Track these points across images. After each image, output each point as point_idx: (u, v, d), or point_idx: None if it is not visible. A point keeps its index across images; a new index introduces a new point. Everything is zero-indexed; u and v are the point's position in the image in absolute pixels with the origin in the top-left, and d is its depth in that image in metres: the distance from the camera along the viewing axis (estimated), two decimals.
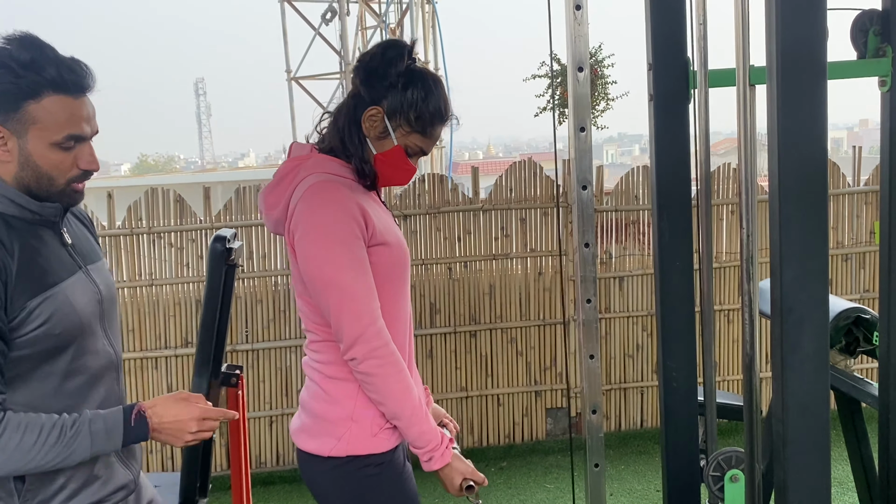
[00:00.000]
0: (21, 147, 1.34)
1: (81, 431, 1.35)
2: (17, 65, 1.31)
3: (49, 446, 1.31)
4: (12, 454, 1.29)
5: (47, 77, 1.33)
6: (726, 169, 4.36)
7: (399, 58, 1.61)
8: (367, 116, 1.61)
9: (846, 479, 3.47)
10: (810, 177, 1.36)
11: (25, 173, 1.36)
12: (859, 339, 2.32)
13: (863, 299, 4.40)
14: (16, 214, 1.36)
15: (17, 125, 1.33)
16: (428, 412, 1.64)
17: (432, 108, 1.62)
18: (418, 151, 1.65)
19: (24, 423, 1.30)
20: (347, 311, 1.55)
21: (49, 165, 1.36)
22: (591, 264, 1.68)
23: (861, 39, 1.84)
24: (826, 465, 1.45)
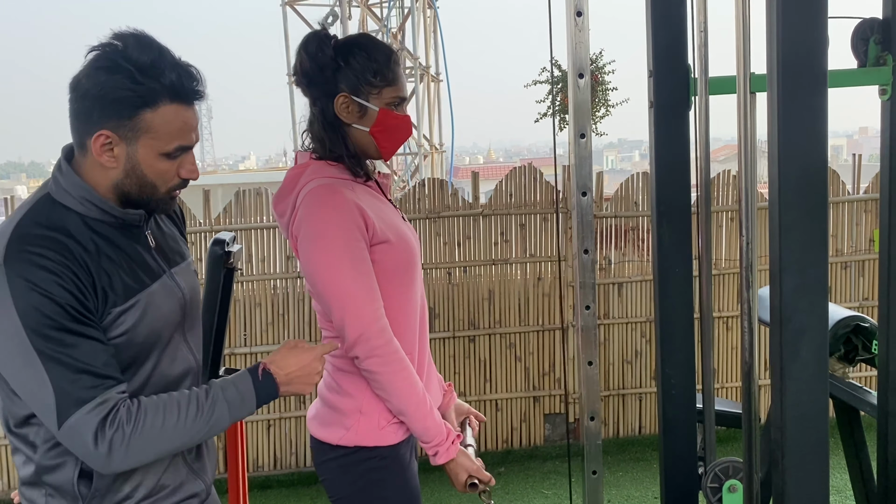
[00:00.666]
0: (129, 155, 1.28)
1: (218, 401, 1.31)
2: (135, 69, 1.24)
3: (191, 422, 1.28)
4: (158, 437, 1.25)
5: (166, 84, 1.27)
6: (726, 176, 4.36)
7: (321, 45, 1.64)
8: (338, 108, 1.64)
9: (845, 487, 3.46)
10: (810, 185, 1.36)
11: (129, 181, 1.30)
12: (858, 348, 2.31)
13: (862, 307, 4.40)
14: (98, 218, 1.31)
15: (128, 132, 1.27)
16: (433, 407, 1.67)
17: (380, 57, 1.65)
18: (398, 100, 1.68)
19: (161, 405, 1.26)
20: (348, 311, 1.57)
21: (155, 175, 1.31)
22: (591, 270, 1.68)
23: (862, 48, 1.84)
24: (825, 474, 1.45)
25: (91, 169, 1.30)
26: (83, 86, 1.26)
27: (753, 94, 1.60)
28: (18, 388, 1.25)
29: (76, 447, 1.24)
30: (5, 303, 1.20)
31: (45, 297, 1.20)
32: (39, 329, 1.20)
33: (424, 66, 12.94)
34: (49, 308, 1.20)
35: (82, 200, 1.29)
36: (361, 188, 1.67)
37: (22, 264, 1.20)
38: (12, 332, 1.20)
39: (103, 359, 1.24)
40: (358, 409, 1.66)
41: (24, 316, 1.19)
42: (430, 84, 13.39)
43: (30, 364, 1.20)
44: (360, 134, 1.66)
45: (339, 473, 1.69)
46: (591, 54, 10.72)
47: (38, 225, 1.25)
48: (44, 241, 1.23)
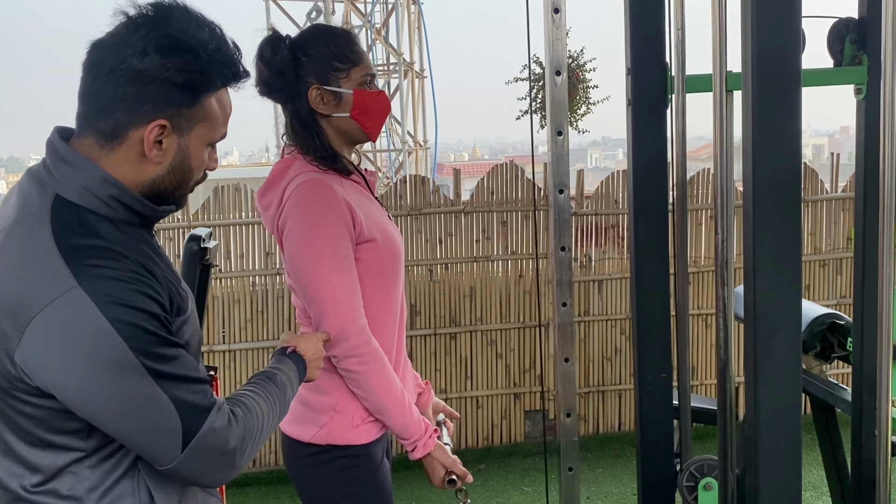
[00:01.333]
0: (180, 147, 1.12)
1: (286, 385, 1.29)
2: (201, 48, 1.08)
3: (278, 408, 1.24)
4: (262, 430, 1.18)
5: (224, 63, 1.12)
6: (705, 174, 4.39)
7: (275, 49, 1.62)
8: (314, 102, 1.63)
9: (820, 483, 3.49)
10: (784, 183, 1.36)
11: (172, 177, 1.14)
12: (834, 345, 2.33)
13: (839, 305, 4.44)
14: (125, 219, 1.12)
15: (184, 122, 1.11)
16: (411, 405, 1.67)
17: (338, 41, 1.64)
18: (368, 77, 1.67)
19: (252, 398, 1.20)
20: (327, 308, 1.57)
21: (197, 168, 1.16)
22: (568, 268, 1.68)
23: (837, 47, 1.86)
24: (797, 470, 1.46)
25: (120, 163, 1.10)
26: (133, 66, 1.06)
27: (730, 92, 1.61)
28: (121, 421, 1.06)
29: (204, 464, 1.09)
30: (100, 326, 1.02)
31: (137, 310, 1.04)
32: (145, 347, 1.04)
33: (408, 62, 12.91)
34: (147, 322, 1.05)
35: (109, 200, 1.09)
36: (350, 184, 1.66)
37: (98, 281, 1.03)
38: (118, 356, 1.03)
39: (195, 363, 1.13)
40: (332, 406, 1.65)
41: (127, 337, 1.03)
42: (415, 80, 13.36)
43: (143, 387, 1.04)
44: (341, 121, 1.65)
45: (311, 472, 1.68)
46: (573, 52, 10.75)
47: (79, 235, 1.07)
48: (101, 251, 1.06)
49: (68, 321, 1.01)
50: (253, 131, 6.80)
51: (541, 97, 9.54)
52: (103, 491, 1.12)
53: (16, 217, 1.09)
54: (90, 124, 1.10)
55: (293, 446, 1.70)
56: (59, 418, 1.08)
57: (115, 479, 1.13)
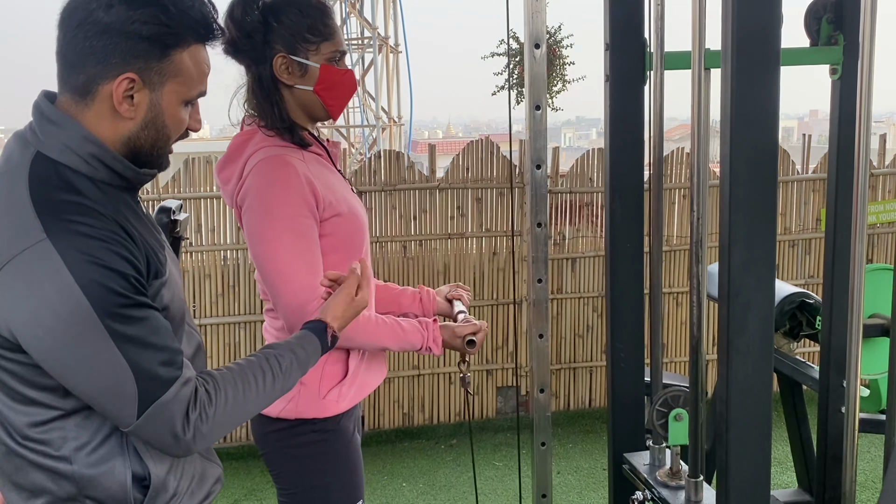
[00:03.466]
0: (152, 103, 1.10)
1: (293, 365, 1.25)
2: (170, 2, 1.08)
3: (268, 389, 1.20)
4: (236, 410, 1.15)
5: (196, 19, 1.10)
6: (680, 153, 4.41)
7: (246, 9, 1.59)
8: (278, 70, 1.60)
9: (786, 459, 3.57)
10: (761, 161, 1.37)
11: (146, 134, 1.12)
12: (803, 324, 2.37)
13: (808, 284, 4.51)
14: (106, 180, 1.11)
15: (154, 76, 1.09)
16: (398, 323, 1.67)
17: (313, 13, 1.61)
18: (338, 55, 1.64)
19: (236, 377, 1.17)
20: (285, 288, 1.55)
21: (174, 126, 1.14)
22: (543, 244, 1.68)
23: (814, 27, 1.86)
24: (767, 446, 1.48)
25: (95, 120, 1.09)
26: (100, 19, 1.05)
27: (708, 70, 1.61)
28: (80, 380, 1.05)
29: (158, 434, 1.08)
30: (65, 282, 1.00)
31: (106, 269, 1.02)
32: (109, 308, 1.02)
33: (383, 37, 12.78)
34: (115, 281, 1.02)
35: (90, 158, 1.09)
36: (312, 157, 1.63)
37: (70, 235, 1.02)
38: (78, 314, 1.01)
39: (169, 331, 1.10)
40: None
41: (90, 295, 1.01)
42: (389, 55, 13.23)
43: (103, 349, 1.03)
44: (304, 94, 1.62)
45: (280, 447, 1.67)
46: (550, 27, 10.73)
47: (56, 189, 1.06)
48: (76, 208, 1.04)
49: (33, 274, 1.01)
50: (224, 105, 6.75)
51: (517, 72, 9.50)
52: (91, 449, 1.12)
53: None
54: (65, 82, 1.10)
55: (262, 421, 1.68)
56: (36, 374, 1.07)
57: (102, 437, 1.12)
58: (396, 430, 4.28)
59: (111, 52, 1.06)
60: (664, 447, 1.84)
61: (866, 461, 3.65)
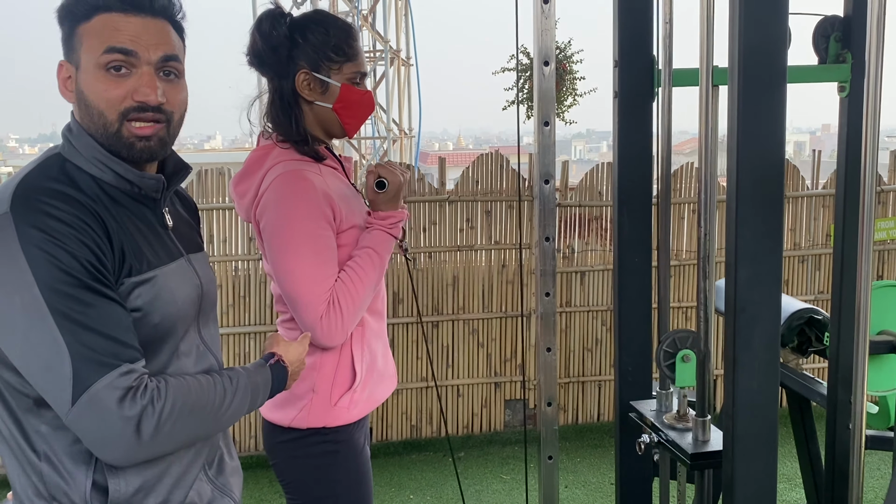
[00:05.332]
0: (77, 81, 1.15)
1: (240, 389, 1.19)
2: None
3: (218, 406, 1.14)
4: (189, 420, 1.09)
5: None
6: (688, 168, 4.42)
7: (275, 24, 1.62)
8: (299, 85, 1.63)
9: (794, 475, 3.55)
10: (767, 179, 1.38)
11: (83, 113, 1.15)
12: (811, 339, 2.36)
13: (817, 300, 4.49)
14: (113, 183, 1.15)
15: (73, 55, 1.14)
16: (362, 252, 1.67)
17: (338, 33, 1.64)
18: (358, 75, 1.67)
19: (189, 385, 1.12)
20: (304, 300, 1.57)
21: (96, 96, 1.13)
22: (552, 258, 1.69)
23: (822, 45, 1.87)
24: (773, 461, 1.48)
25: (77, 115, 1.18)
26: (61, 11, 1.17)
27: (716, 86, 1.62)
28: (20, 357, 1.05)
29: (93, 424, 1.03)
30: (14, 255, 1.02)
31: (61, 248, 1.03)
32: (54, 284, 1.02)
33: (395, 50, 12.86)
34: (66, 261, 1.03)
35: (94, 160, 1.14)
36: (328, 170, 1.66)
37: (33, 213, 1.04)
38: (21, 287, 1.01)
39: (125, 325, 1.07)
40: (311, 388, 1.66)
41: (36, 268, 1.01)
42: (401, 68, 13.31)
43: (41, 325, 1.02)
44: (323, 111, 1.65)
45: (291, 457, 1.68)
46: (560, 43, 10.76)
47: (49, 178, 1.10)
48: (56, 194, 1.07)
49: None
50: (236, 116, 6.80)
51: (528, 87, 9.53)
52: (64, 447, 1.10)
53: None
54: None
55: (273, 431, 1.70)
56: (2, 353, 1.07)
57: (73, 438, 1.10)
58: (404, 441, 4.28)
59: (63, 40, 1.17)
60: (671, 392, 1.81)
61: (876, 478, 3.63)
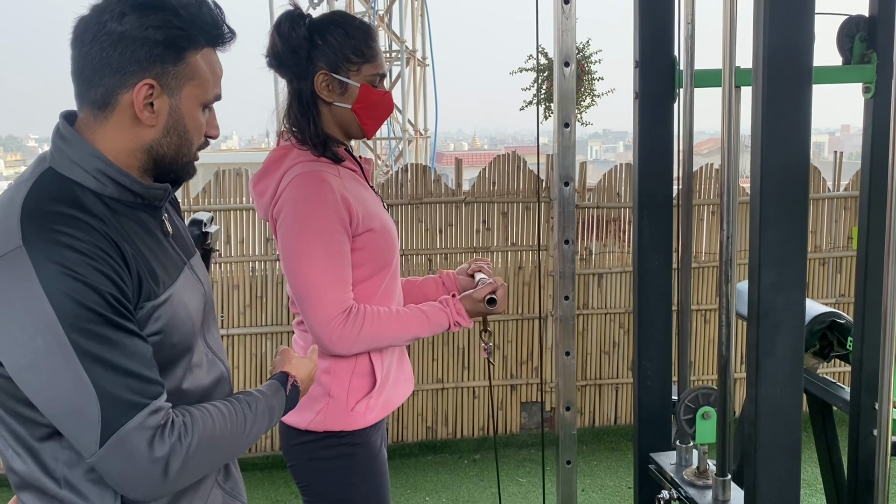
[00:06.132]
0: (172, 108, 1.10)
1: (260, 413, 1.18)
2: (180, 6, 1.08)
3: (239, 433, 1.13)
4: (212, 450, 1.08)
5: (207, 21, 1.10)
6: (708, 169, 4.38)
7: (294, 25, 1.62)
8: (318, 86, 1.62)
9: (815, 480, 3.50)
10: (792, 181, 1.36)
11: (168, 140, 1.11)
12: (833, 344, 2.33)
13: (838, 303, 4.44)
14: (114, 196, 1.09)
15: (171, 81, 1.09)
16: (421, 308, 1.67)
17: (357, 34, 1.63)
18: (378, 76, 1.67)
19: (210, 415, 1.10)
20: (313, 302, 1.56)
21: (193, 130, 1.13)
22: (571, 261, 1.68)
23: (847, 45, 1.84)
24: (796, 468, 1.46)
25: (115, 132, 1.09)
26: (114, 30, 1.05)
27: (738, 88, 1.60)
28: (45, 399, 1.00)
29: (121, 466, 1.00)
30: (33, 292, 0.97)
31: (82, 283, 0.98)
32: (78, 323, 0.97)
33: (411, 50, 12.86)
34: (88, 297, 0.98)
35: (97, 174, 1.08)
36: (347, 173, 1.65)
37: (49, 245, 0.98)
38: (43, 326, 0.97)
39: (147, 359, 1.04)
40: (326, 392, 1.65)
41: (58, 307, 0.97)
42: (416, 68, 13.31)
43: (66, 367, 0.97)
44: (341, 112, 1.64)
45: (308, 459, 1.68)
46: (578, 43, 10.72)
47: (52, 201, 1.03)
48: (68, 220, 1.01)
49: (4, 280, 0.98)
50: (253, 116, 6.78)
51: (546, 88, 9.50)
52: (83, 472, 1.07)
53: (10, 185, 1.10)
54: (83, 98, 1.10)
55: (290, 433, 1.70)
56: (16, 388, 1.03)
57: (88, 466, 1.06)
58: (420, 443, 4.28)
59: (127, 61, 1.06)
60: (691, 446, 1.81)
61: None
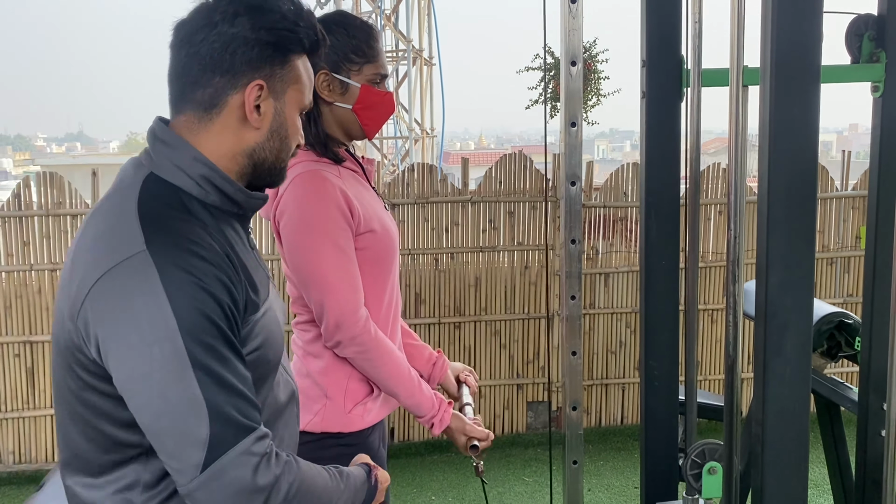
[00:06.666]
0: (277, 110, 1.10)
1: (347, 489, 1.15)
2: (286, 10, 1.08)
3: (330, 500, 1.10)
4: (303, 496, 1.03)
5: (307, 27, 1.10)
6: (716, 169, 4.37)
7: None
8: (319, 86, 1.62)
9: (823, 481, 3.49)
10: (800, 181, 1.35)
11: (271, 145, 1.10)
12: (841, 344, 2.32)
13: (846, 303, 4.42)
14: (216, 205, 1.07)
15: (277, 83, 1.08)
16: (420, 383, 1.68)
17: (359, 34, 1.63)
18: (379, 77, 1.66)
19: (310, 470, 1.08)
20: (328, 298, 1.57)
21: (293, 135, 1.13)
22: (577, 260, 1.67)
23: (855, 44, 1.84)
24: (804, 469, 1.45)
25: (219, 134, 1.07)
26: (226, 31, 1.04)
27: (746, 87, 1.59)
28: (150, 412, 0.95)
29: (223, 495, 0.94)
30: (156, 298, 0.93)
31: (205, 292, 0.95)
32: (197, 334, 0.93)
33: (417, 49, 12.86)
34: (209, 307, 0.95)
35: (200, 180, 1.05)
36: (348, 174, 1.65)
37: (173, 250, 0.96)
38: (162, 335, 0.93)
39: (250, 382, 1.00)
40: (324, 393, 1.66)
41: (180, 315, 0.93)
42: (423, 67, 13.31)
43: (181, 381, 0.93)
44: (342, 112, 1.64)
45: (305, 459, 1.68)
46: (585, 42, 10.71)
47: (166, 206, 1.01)
48: (186, 224, 1.00)
49: (127, 284, 0.95)
50: None
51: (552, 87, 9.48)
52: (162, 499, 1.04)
53: (108, 193, 1.07)
54: (186, 99, 1.08)
55: None
56: (116, 406, 1.00)
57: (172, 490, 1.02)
58: (426, 442, 4.28)
59: (239, 62, 1.05)
60: (697, 498, 1.82)
61: None
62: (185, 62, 1.07)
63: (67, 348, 1.01)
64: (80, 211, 3.90)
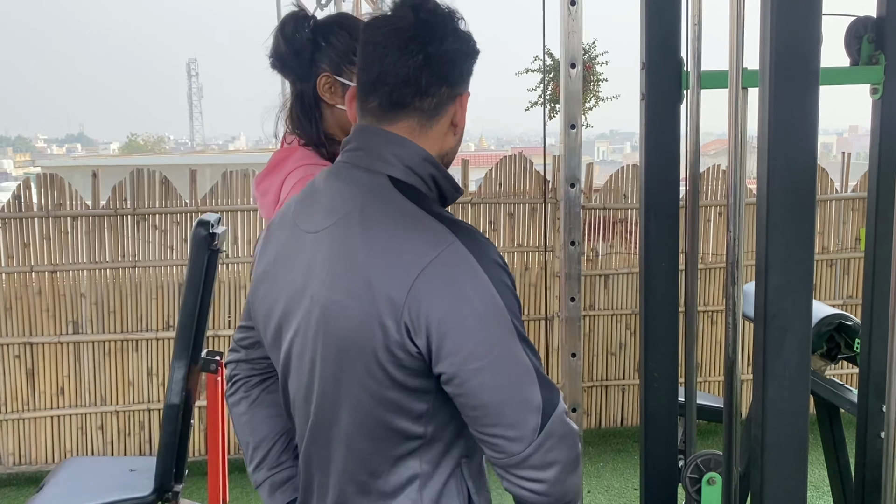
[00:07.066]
0: (461, 117, 1.19)
1: None
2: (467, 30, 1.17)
3: None
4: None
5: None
6: (715, 170, 4.37)
7: (298, 27, 1.61)
8: (321, 89, 1.62)
9: (822, 483, 3.49)
10: (799, 183, 1.35)
11: (456, 149, 1.20)
12: (841, 346, 2.32)
13: (846, 305, 4.42)
14: (435, 201, 1.17)
15: (464, 91, 1.18)
16: None
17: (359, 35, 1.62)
18: None
19: None
20: None
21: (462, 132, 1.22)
22: (577, 262, 1.68)
23: (855, 46, 1.84)
24: (803, 471, 1.45)
25: (434, 139, 1.16)
26: (449, 48, 1.11)
27: (745, 89, 1.60)
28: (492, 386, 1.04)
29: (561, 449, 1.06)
30: (481, 281, 1.04)
31: (506, 272, 1.08)
32: (514, 310, 1.06)
33: None
34: (513, 286, 1.08)
35: (428, 178, 1.14)
36: None
37: (473, 239, 1.07)
38: (497, 314, 1.04)
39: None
40: None
41: (502, 295, 1.05)
42: None
43: (515, 351, 1.05)
44: (344, 114, 1.65)
45: None
46: (584, 44, 10.71)
47: (433, 202, 1.13)
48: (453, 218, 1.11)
49: (453, 272, 1.04)
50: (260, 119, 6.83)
51: (552, 89, 9.49)
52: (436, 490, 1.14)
53: (359, 199, 1.11)
54: (411, 107, 1.13)
55: None
56: (413, 398, 1.08)
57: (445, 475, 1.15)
58: None
59: (460, 74, 1.14)
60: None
61: None
62: (414, 71, 1.11)
63: (373, 351, 1.06)
64: (81, 212, 3.91)
